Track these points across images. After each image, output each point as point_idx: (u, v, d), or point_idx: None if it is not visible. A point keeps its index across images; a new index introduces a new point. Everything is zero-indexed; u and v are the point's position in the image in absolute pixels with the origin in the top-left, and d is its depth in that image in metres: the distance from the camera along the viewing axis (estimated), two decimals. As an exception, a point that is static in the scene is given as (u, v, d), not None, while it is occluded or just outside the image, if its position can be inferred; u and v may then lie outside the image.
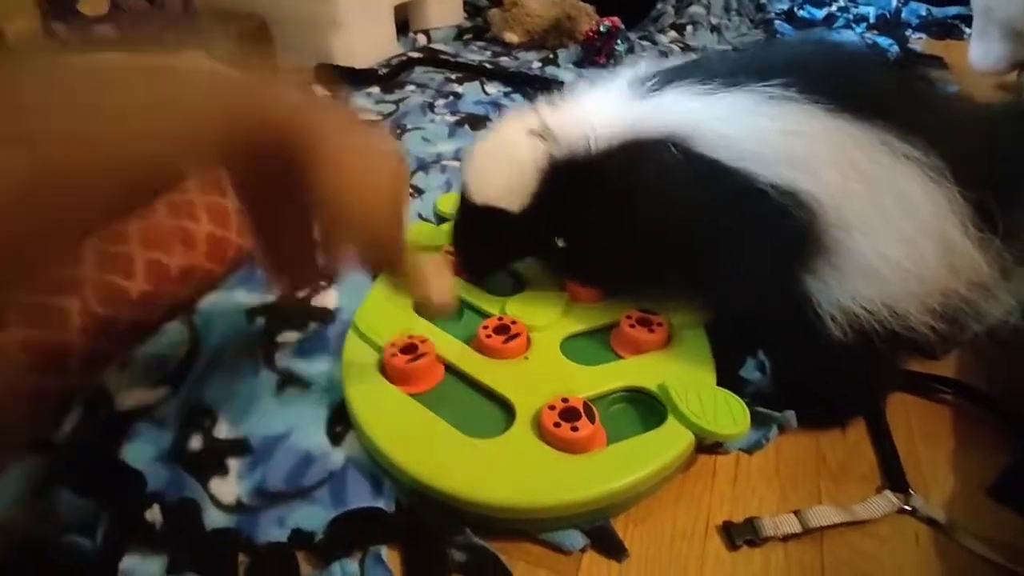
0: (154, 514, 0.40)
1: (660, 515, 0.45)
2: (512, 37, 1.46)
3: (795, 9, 1.74)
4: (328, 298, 0.63)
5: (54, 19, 1.05)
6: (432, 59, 1.35)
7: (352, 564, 0.40)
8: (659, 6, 1.62)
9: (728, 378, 0.52)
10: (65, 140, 0.25)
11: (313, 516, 0.44)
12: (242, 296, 0.60)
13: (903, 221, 0.42)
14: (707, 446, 0.49)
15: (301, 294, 0.62)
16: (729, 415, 0.46)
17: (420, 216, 0.77)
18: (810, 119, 0.43)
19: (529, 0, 1.45)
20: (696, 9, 1.61)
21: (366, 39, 1.29)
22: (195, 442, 0.49)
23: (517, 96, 1.17)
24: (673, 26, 1.53)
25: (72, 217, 0.27)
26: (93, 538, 0.40)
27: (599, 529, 0.43)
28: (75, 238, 0.32)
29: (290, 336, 0.59)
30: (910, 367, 0.55)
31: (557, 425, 0.45)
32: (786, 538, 0.44)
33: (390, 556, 0.41)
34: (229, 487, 0.46)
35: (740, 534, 0.43)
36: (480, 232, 0.59)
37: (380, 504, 0.44)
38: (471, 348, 0.55)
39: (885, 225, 0.43)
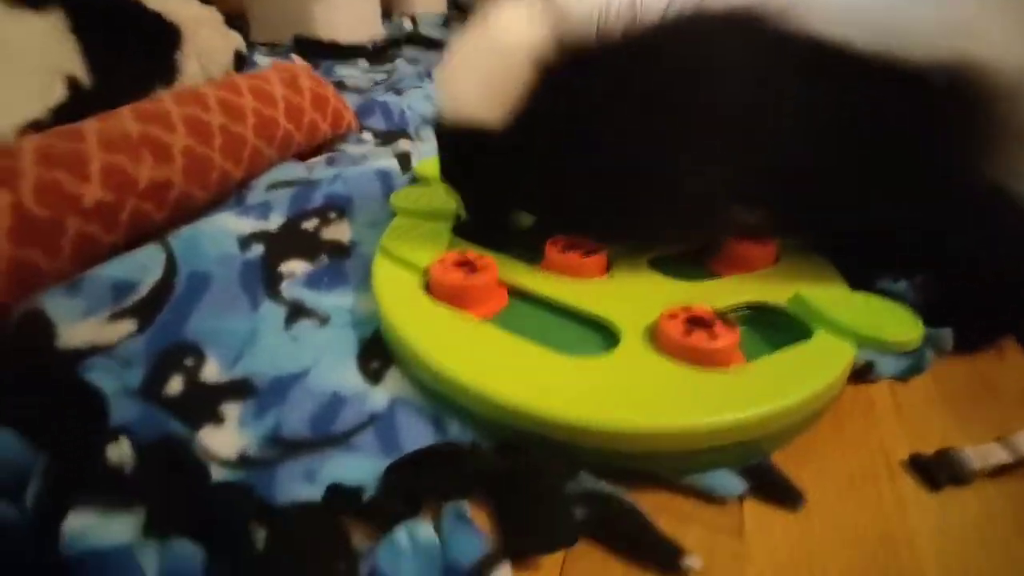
0: (121, 450, 0.26)
1: (826, 454, 0.34)
2: (503, 25, 1.39)
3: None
4: (341, 230, 0.51)
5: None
6: (421, 42, 1.27)
7: (424, 527, 0.27)
8: None
9: (863, 288, 0.41)
10: None
11: (356, 466, 0.30)
12: (232, 221, 0.47)
13: None
14: (852, 374, 0.39)
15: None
16: (893, 319, 0.36)
17: (441, 153, 0.65)
18: None
19: (520, -13, 1.40)
20: None
21: (350, 13, 1.19)
22: (175, 384, 0.35)
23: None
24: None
25: None
26: (20, 499, 0.25)
27: (759, 468, 0.32)
28: None
29: (296, 266, 0.46)
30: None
31: (688, 333, 0.33)
32: (993, 473, 0.33)
33: (476, 515, 0.28)
34: (227, 437, 0.32)
35: (940, 469, 0.32)
36: (461, 168, 0.43)
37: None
38: (539, 269, 0.43)
39: None
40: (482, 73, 0.38)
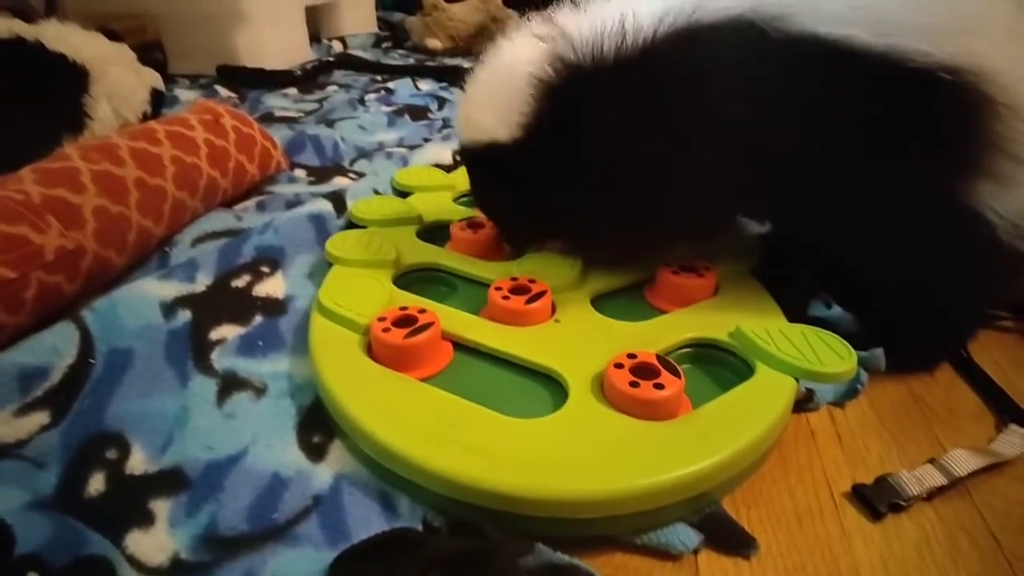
0: (31, 589, 0.23)
1: (773, 492, 0.35)
2: (435, 43, 1.39)
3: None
4: (274, 285, 0.48)
5: None
6: (352, 63, 1.24)
7: (377, 624, 0.26)
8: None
9: (798, 319, 0.43)
10: None
11: (300, 562, 0.29)
12: (154, 286, 0.44)
13: None
14: (794, 404, 0.40)
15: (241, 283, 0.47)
16: (829, 351, 0.37)
17: (376, 191, 0.64)
18: None
19: (451, 5, 1.39)
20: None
21: (277, 38, 1.15)
22: (96, 483, 0.32)
23: (456, 90, 1.08)
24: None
25: None
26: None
27: (712, 518, 0.32)
28: None
29: (228, 331, 0.43)
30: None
31: (635, 385, 0.33)
32: (930, 496, 0.34)
33: (431, 603, 0.27)
34: (157, 541, 0.30)
35: (880, 498, 0.34)
36: (486, 185, 0.46)
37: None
38: (482, 318, 0.42)
39: None
40: (493, 95, 0.41)
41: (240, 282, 0.47)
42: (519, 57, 0.40)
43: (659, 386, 0.33)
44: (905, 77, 0.33)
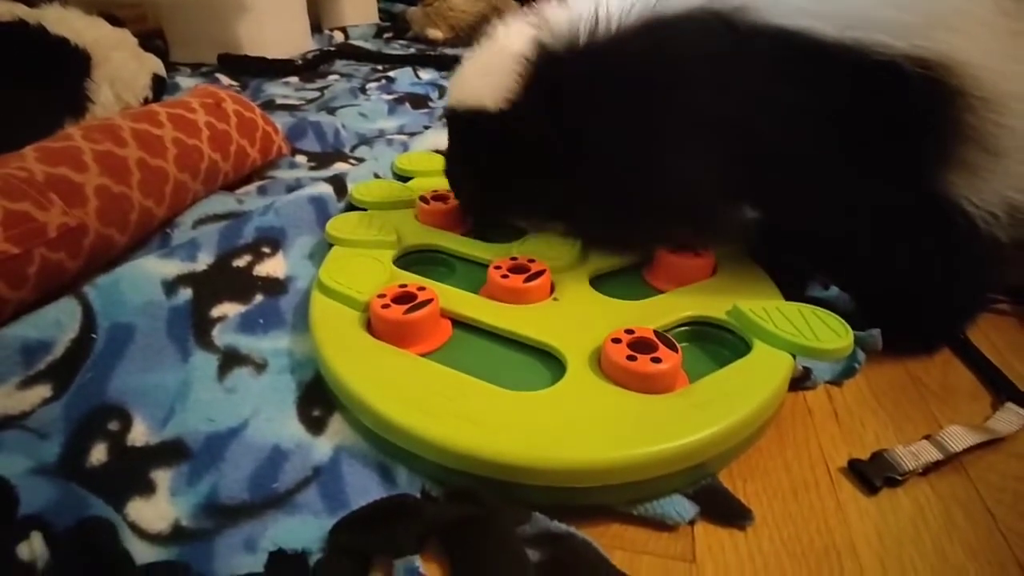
0: (33, 548, 0.24)
1: (769, 466, 0.35)
2: (436, 34, 1.38)
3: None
4: (275, 265, 0.48)
5: None
6: (354, 52, 1.24)
7: (375, 588, 0.26)
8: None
9: (796, 298, 0.43)
10: None
11: (300, 529, 0.29)
12: (155, 264, 0.44)
13: None
14: (791, 382, 0.40)
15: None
16: (826, 328, 0.37)
17: (376, 175, 0.64)
18: None
19: (452, -5, 1.39)
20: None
21: (278, 28, 1.15)
22: (98, 454, 0.33)
23: (456, 79, 1.08)
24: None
25: None
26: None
27: (709, 490, 0.32)
28: None
29: (229, 309, 0.43)
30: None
31: (632, 359, 0.33)
32: (926, 471, 0.35)
33: (429, 569, 0.28)
34: (158, 509, 0.30)
35: (876, 472, 0.34)
36: (466, 152, 0.47)
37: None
38: (481, 297, 0.42)
39: None
40: (485, 70, 0.43)
41: (241, 262, 0.47)
42: (510, 39, 0.43)
43: (656, 360, 0.33)
44: (870, 69, 0.33)
